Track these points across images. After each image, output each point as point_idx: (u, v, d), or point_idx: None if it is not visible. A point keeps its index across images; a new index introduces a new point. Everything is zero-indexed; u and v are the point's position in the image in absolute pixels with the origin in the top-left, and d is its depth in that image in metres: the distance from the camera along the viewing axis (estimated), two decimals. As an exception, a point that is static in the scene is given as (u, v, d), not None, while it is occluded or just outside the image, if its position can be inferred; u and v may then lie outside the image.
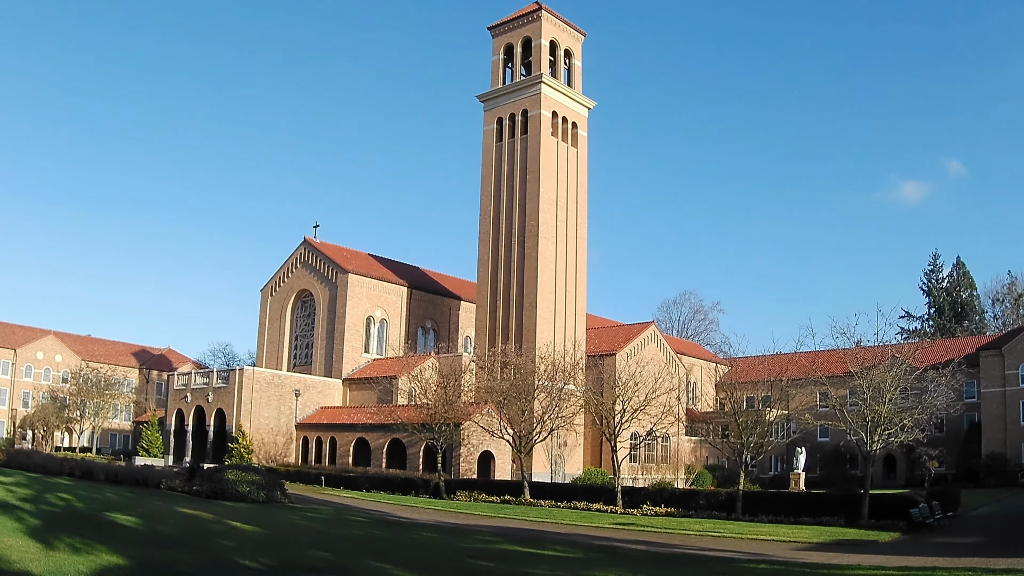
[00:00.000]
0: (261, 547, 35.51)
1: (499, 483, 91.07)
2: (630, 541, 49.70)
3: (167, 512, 45.53)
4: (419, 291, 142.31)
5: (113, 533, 34.06)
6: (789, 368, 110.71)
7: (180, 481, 65.37)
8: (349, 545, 39.02)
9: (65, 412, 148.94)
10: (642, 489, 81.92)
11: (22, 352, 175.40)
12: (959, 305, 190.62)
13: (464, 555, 37.89)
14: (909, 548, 47.96)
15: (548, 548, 42.92)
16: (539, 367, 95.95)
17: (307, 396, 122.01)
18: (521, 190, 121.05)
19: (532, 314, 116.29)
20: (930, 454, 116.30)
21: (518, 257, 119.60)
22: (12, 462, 77.54)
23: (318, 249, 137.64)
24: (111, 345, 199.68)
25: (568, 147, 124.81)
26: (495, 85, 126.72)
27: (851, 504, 64.65)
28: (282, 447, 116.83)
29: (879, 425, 64.51)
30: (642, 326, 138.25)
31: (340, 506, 68.83)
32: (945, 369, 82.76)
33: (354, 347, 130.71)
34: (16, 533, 30.95)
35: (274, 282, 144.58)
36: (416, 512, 68.40)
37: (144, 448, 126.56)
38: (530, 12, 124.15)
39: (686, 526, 61.14)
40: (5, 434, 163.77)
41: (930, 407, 70.55)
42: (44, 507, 41.01)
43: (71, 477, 68.43)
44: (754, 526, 61.03)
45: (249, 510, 53.05)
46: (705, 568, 37.78)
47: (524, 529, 56.48)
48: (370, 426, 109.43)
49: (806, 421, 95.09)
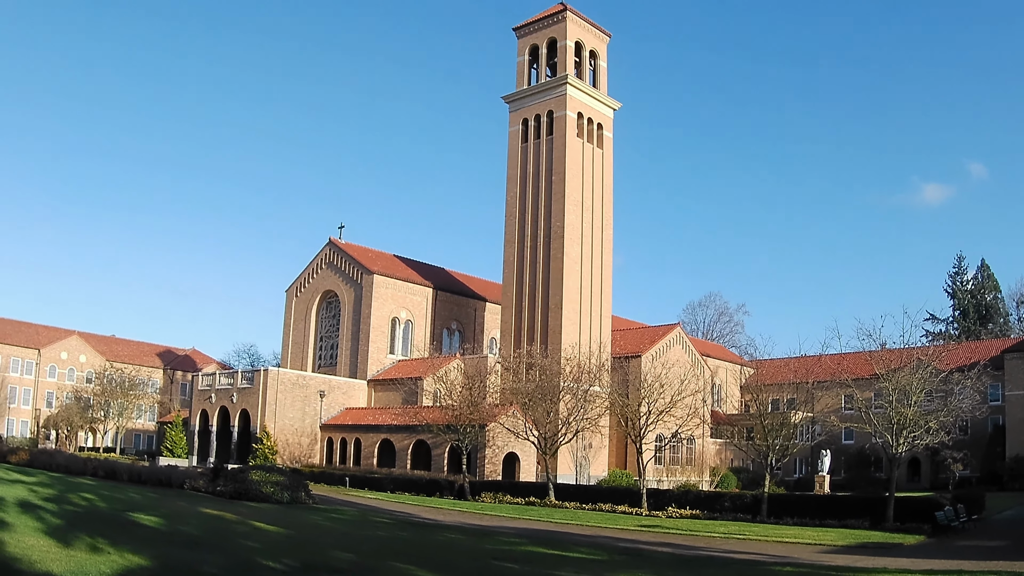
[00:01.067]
0: (285, 548, 35.42)
1: (524, 485, 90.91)
2: (655, 543, 49.46)
3: (190, 512, 45.52)
4: (444, 292, 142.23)
5: (136, 533, 33.99)
6: (815, 370, 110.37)
7: (204, 481, 65.33)
8: (374, 546, 38.89)
9: (89, 412, 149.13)
10: (667, 491, 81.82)
11: (46, 352, 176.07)
12: (983, 307, 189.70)
13: (489, 557, 37.77)
14: (935, 551, 47.67)
15: (573, 550, 42.73)
16: (564, 369, 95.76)
17: (332, 397, 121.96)
18: (546, 191, 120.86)
19: (557, 315, 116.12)
20: (954, 457, 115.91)
21: (543, 258, 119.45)
22: (35, 462, 77.67)
23: (343, 250, 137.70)
24: (135, 345, 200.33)
25: (593, 148, 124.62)
26: (520, 86, 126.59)
27: (876, 507, 64.29)
28: (306, 448, 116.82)
29: (905, 428, 64.22)
30: (667, 328, 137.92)
31: (364, 507, 68.68)
32: (970, 372, 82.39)
33: (379, 348, 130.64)
34: (38, 533, 30.93)
35: (299, 283, 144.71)
36: (441, 514, 68.25)
37: (168, 448, 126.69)
38: (555, 13, 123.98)
39: (711, 528, 60.91)
40: (29, 434, 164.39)
41: (955, 410, 70.34)
42: (66, 507, 41.00)
43: (94, 477, 68.53)
44: (779, 528, 60.77)
45: (273, 511, 52.98)
46: (731, 571, 37.59)
47: (549, 531, 56.30)
48: (395, 427, 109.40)
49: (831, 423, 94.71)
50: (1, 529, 30.67)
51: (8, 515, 34.35)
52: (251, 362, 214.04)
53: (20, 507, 37.56)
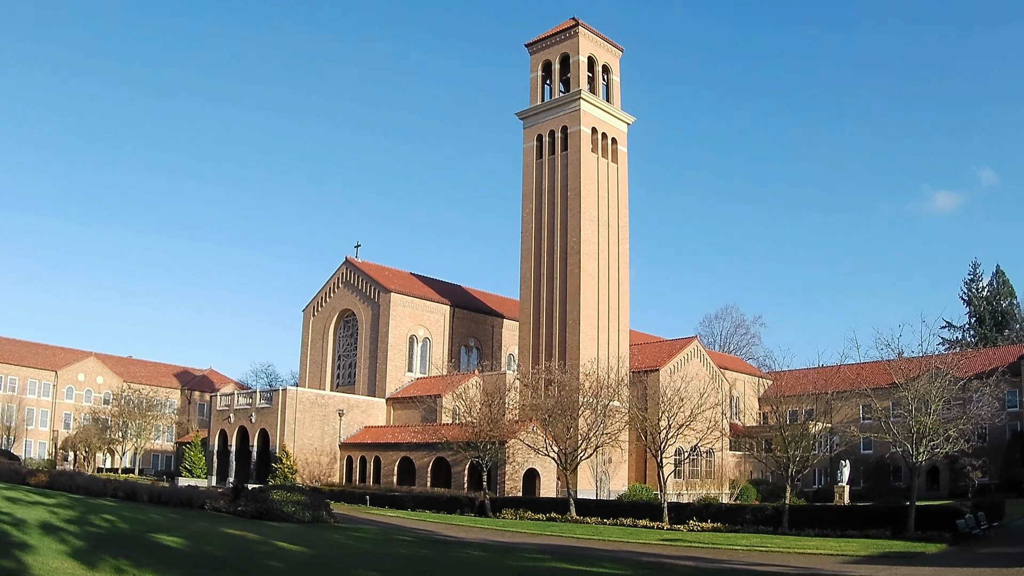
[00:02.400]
0: (308, 568, 35.47)
1: (545, 500, 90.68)
2: (678, 557, 49.34)
3: (213, 533, 45.51)
4: (461, 309, 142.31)
5: (158, 554, 33.98)
6: (833, 380, 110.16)
7: (224, 502, 65.32)
8: (396, 565, 38.88)
9: (107, 433, 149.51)
10: (688, 504, 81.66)
11: (63, 374, 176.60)
12: (999, 314, 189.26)
13: (512, 573, 37.81)
14: (957, 559, 47.63)
15: (596, 565, 42.63)
16: (583, 384, 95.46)
17: (351, 416, 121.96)
18: (562, 206, 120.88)
19: (575, 331, 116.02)
20: (973, 464, 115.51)
21: (560, 274, 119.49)
22: (55, 483, 77.31)
23: (360, 269, 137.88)
24: (152, 366, 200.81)
25: (608, 163, 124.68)
26: (534, 102, 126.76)
27: (897, 516, 64.08)
28: (326, 467, 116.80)
29: (924, 436, 64.14)
30: (685, 341, 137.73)
31: (386, 525, 68.64)
32: (988, 379, 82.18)
33: (397, 366, 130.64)
34: (61, 555, 30.85)
35: (316, 302, 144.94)
36: (462, 531, 68.17)
37: (187, 469, 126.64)
38: (567, 28, 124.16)
39: (733, 541, 60.72)
40: (47, 455, 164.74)
41: (974, 417, 70.12)
42: (88, 528, 40.91)
43: (114, 498, 68.29)
44: (801, 540, 60.55)
45: (295, 530, 52.98)
46: (754, 583, 37.51)
47: (571, 546, 56.20)
48: (414, 445, 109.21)
49: (850, 434, 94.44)
50: (25, 552, 30.63)
51: (31, 537, 34.31)
52: (269, 382, 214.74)
53: (42, 529, 37.50)
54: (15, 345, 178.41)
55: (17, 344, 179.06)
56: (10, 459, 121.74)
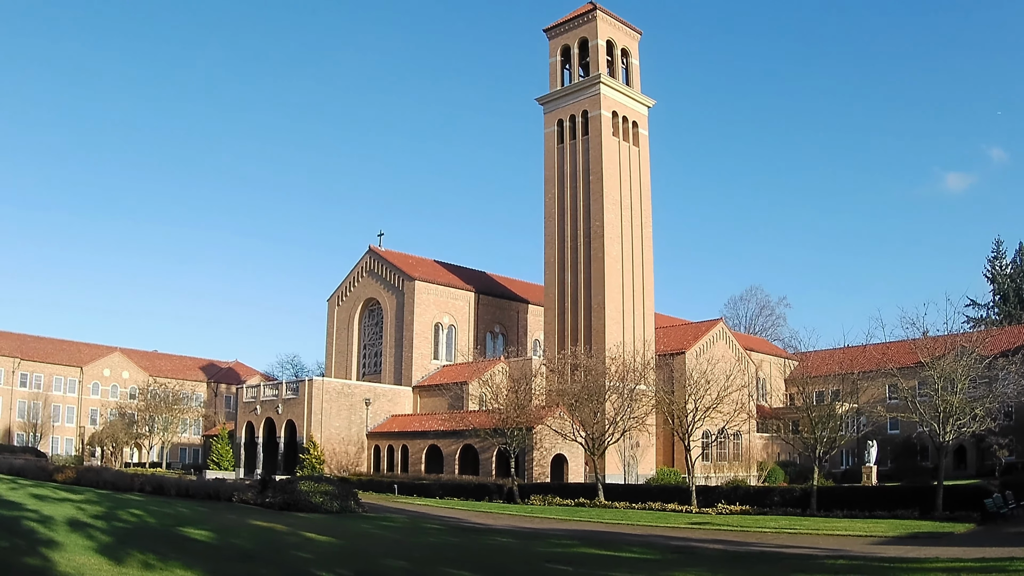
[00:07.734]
0: (337, 558, 35.49)
1: (573, 486, 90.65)
2: (707, 540, 49.30)
3: (241, 525, 45.59)
4: (486, 296, 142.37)
5: (187, 548, 34.06)
6: (859, 360, 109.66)
7: (252, 494, 65.51)
8: (426, 553, 38.93)
9: (134, 428, 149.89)
10: (716, 488, 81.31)
11: (88, 369, 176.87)
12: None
13: (542, 559, 37.75)
14: (985, 539, 47.38)
15: (625, 550, 42.61)
16: (610, 368, 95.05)
17: (377, 405, 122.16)
18: (584, 191, 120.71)
19: (600, 315, 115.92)
20: (1000, 443, 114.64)
21: (584, 258, 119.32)
22: (82, 479, 77.49)
23: (383, 257, 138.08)
24: (178, 360, 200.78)
25: (630, 146, 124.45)
26: (554, 87, 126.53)
27: (925, 496, 63.84)
28: (354, 456, 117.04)
29: (951, 415, 64.00)
30: (710, 323, 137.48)
31: (414, 514, 68.71)
32: (1014, 356, 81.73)
33: (423, 354, 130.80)
34: (88, 551, 30.87)
35: (340, 291, 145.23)
36: (491, 518, 68.26)
37: (214, 461, 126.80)
38: (585, 12, 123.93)
39: (761, 523, 60.66)
40: (74, 451, 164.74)
41: (1000, 395, 69.85)
42: (116, 524, 40.96)
43: (142, 493, 68.37)
44: (829, 521, 60.51)
45: (323, 521, 53.08)
46: (784, 566, 37.34)
47: (600, 532, 56.23)
48: (442, 433, 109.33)
49: (877, 414, 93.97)
50: (52, 548, 30.66)
51: (57, 534, 34.34)
52: (295, 372, 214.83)
53: (69, 525, 37.53)
54: (40, 342, 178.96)
55: (42, 341, 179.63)
56: (37, 456, 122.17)
